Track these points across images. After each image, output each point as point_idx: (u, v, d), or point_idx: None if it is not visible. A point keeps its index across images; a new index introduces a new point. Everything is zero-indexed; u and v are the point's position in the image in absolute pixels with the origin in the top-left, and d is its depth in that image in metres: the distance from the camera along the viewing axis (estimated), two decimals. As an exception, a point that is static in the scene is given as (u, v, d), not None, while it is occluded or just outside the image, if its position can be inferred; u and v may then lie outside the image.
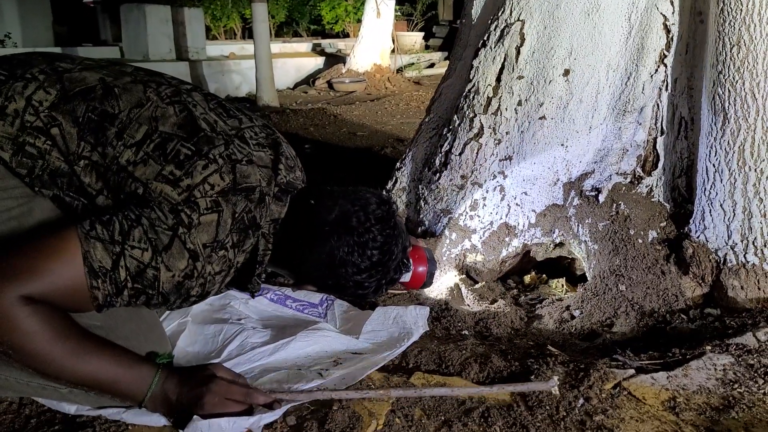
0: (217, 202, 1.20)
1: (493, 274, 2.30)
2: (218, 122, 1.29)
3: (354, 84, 9.20)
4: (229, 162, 1.23)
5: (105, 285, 1.14)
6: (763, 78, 1.93)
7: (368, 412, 1.34)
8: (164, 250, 1.16)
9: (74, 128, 1.20)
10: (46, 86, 1.23)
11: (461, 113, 2.28)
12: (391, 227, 1.33)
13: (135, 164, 1.19)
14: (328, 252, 1.29)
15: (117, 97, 1.25)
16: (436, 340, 1.79)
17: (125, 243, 1.14)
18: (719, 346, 1.64)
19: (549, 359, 1.59)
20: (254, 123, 1.37)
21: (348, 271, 1.30)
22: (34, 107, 1.21)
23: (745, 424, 1.32)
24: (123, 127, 1.21)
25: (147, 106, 1.24)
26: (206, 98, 1.35)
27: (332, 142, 5.34)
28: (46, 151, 1.20)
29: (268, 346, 1.61)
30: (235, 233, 1.24)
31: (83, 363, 1.17)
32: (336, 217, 1.29)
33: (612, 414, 1.37)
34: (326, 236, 1.29)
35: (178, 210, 1.17)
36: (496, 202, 2.24)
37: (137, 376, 1.23)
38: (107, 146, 1.20)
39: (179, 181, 1.19)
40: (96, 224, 1.14)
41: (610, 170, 2.21)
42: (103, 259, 1.13)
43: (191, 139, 1.23)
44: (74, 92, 1.23)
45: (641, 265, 2.06)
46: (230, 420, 1.24)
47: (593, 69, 2.13)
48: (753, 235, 1.96)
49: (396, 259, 1.35)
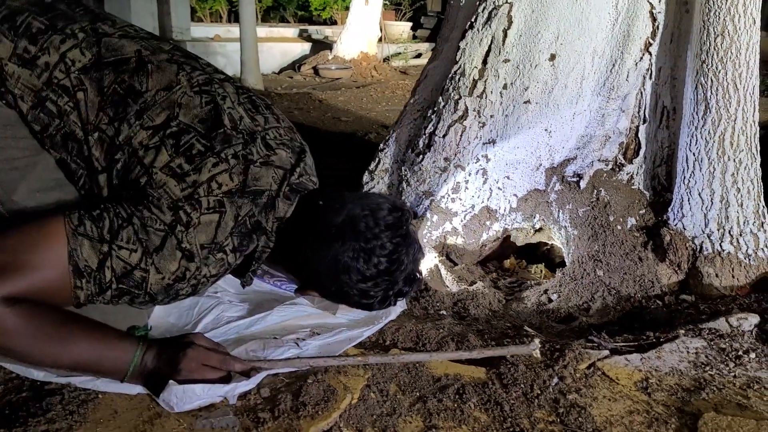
0: (221, 202, 1.15)
1: (473, 258, 2.30)
2: (243, 119, 1.23)
3: (340, 71, 9.14)
4: (243, 162, 1.18)
5: (89, 285, 1.11)
6: (745, 68, 1.95)
7: (343, 386, 1.34)
8: (155, 252, 1.13)
9: (98, 97, 1.16)
10: (83, 47, 1.18)
11: (446, 95, 2.28)
12: (402, 235, 1.26)
13: (147, 148, 1.15)
14: (332, 256, 1.23)
15: (149, 74, 1.20)
16: (414, 319, 1.79)
17: (113, 243, 1.10)
18: (692, 330, 1.66)
19: (526, 339, 1.60)
20: (281, 124, 1.31)
21: (352, 278, 1.24)
22: (66, 65, 1.16)
23: (715, 405, 1.34)
24: (145, 107, 1.17)
25: (174, 90, 1.19)
26: (237, 91, 1.28)
27: (317, 126, 5.31)
28: (65, 113, 1.16)
29: (244, 320, 1.60)
30: (236, 237, 1.19)
31: (66, 351, 1.16)
32: (343, 221, 1.23)
33: (585, 393, 1.38)
34: (331, 239, 1.23)
35: (177, 207, 1.13)
36: (479, 186, 2.24)
37: (119, 353, 1.21)
38: (123, 122, 1.16)
39: (185, 176, 1.14)
40: (85, 219, 1.11)
41: (592, 157, 2.22)
42: (89, 258, 1.10)
43: (208, 135, 1.17)
44: (108, 61, 1.19)
45: (619, 251, 2.08)
46: (205, 387, 1.23)
47: (579, 55, 2.13)
48: (729, 224, 1.98)
49: (406, 270, 1.27)
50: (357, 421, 1.24)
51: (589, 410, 1.31)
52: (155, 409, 1.23)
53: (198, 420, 1.20)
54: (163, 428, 1.18)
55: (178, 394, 1.21)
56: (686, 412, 1.32)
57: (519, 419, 1.28)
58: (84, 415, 1.21)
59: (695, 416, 1.29)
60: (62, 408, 1.22)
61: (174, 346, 1.27)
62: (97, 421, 1.20)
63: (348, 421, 1.24)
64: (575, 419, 1.28)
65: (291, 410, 1.24)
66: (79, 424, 1.19)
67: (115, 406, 1.24)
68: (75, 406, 1.22)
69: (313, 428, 1.20)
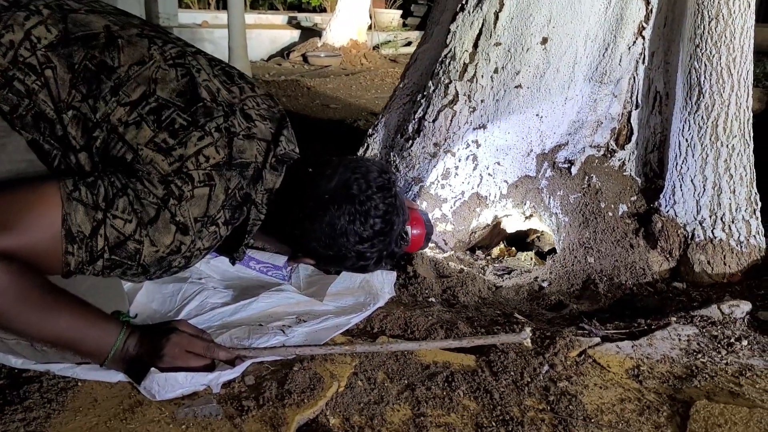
0: (210, 175, 1.15)
1: (463, 245, 2.28)
2: (221, 90, 1.23)
3: (329, 58, 9.07)
4: (226, 135, 1.18)
5: (80, 252, 1.08)
6: (739, 53, 1.93)
7: (330, 374, 1.31)
8: (150, 223, 1.11)
9: (68, 74, 1.14)
10: (48, 23, 1.15)
11: (436, 79, 2.24)
12: (393, 196, 1.28)
13: (126, 125, 1.13)
14: (329, 221, 1.24)
15: (120, 49, 1.17)
16: (403, 306, 1.76)
17: (108, 211, 1.09)
18: (684, 317, 1.64)
19: (516, 327, 1.57)
20: (256, 92, 1.31)
21: (350, 241, 1.25)
22: (32, 43, 1.13)
23: (707, 392, 1.32)
24: (120, 83, 1.15)
25: (148, 65, 1.18)
26: (211, 63, 1.28)
27: (305, 113, 5.26)
28: (33, 91, 1.12)
29: (229, 306, 1.57)
30: (227, 210, 1.19)
31: (49, 322, 1.12)
32: (336, 186, 1.24)
33: (576, 381, 1.36)
34: (326, 205, 1.24)
35: (168, 181, 1.12)
36: (469, 172, 2.21)
37: (102, 334, 1.19)
38: (99, 100, 1.13)
39: (171, 150, 1.13)
40: (80, 185, 1.09)
41: (584, 142, 2.19)
42: (82, 223, 1.07)
43: (188, 109, 1.16)
44: (76, 36, 1.16)
45: (610, 238, 2.06)
46: (188, 375, 1.20)
47: (571, 38, 2.10)
48: (722, 210, 1.97)
49: (397, 230, 1.30)
50: (344, 409, 1.22)
51: (579, 398, 1.29)
52: (136, 397, 1.21)
53: (180, 408, 1.17)
54: (144, 417, 1.16)
55: (160, 382, 1.18)
56: (678, 399, 1.30)
57: (509, 407, 1.26)
58: (63, 403, 1.18)
59: (687, 404, 1.27)
60: (40, 396, 1.19)
61: (157, 332, 1.25)
62: (77, 409, 1.17)
63: (334, 410, 1.22)
64: (566, 407, 1.26)
65: (276, 398, 1.21)
66: (57, 413, 1.16)
67: (95, 394, 1.22)
68: (53, 394, 1.20)
69: (299, 416, 1.18)
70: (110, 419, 1.14)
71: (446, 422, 1.21)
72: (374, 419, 1.20)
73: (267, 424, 1.15)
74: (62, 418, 1.14)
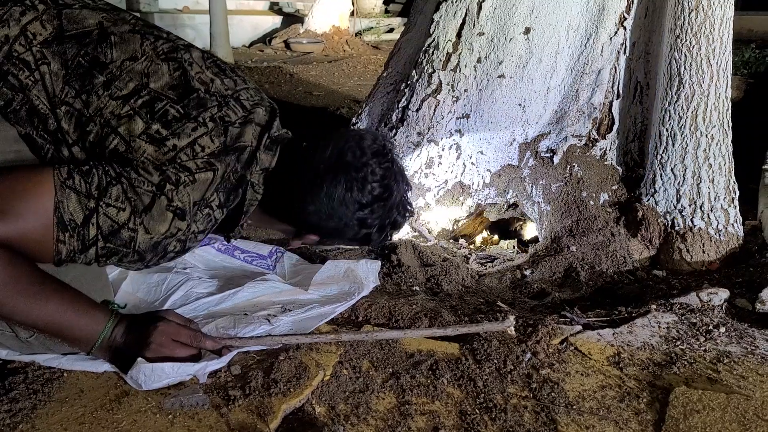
0: (210, 162, 1.15)
1: (446, 233, 2.29)
2: (214, 81, 1.23)
3: (312, 45, 9.02)
4: (221, 124, 1.18)
5: (72, 240, 1.08)
6: (719, 44, 1.95)
7: (315, 363, 1.32)
8: (144, 212, 1.11)
9: (62, 71, 1.13)
10: (44, 19, 1.15)
11: (420, 68, 2.24)
12: (389, 161, 1.28)
13: (119, 118, 1.13)
14: (327, 192, 1.24)
15: (112, 45, 1.17)
16: (387, 295, 1.77)
17: (101, 199, 1.09)
18: (664, 305, 1.67)
19: (499, 315, 1.59)
20: (248, 86, 1.31)
21: (350, 209, 1.25)
22: (27, 39, 1.13)
23: (686, 378, 1.35)
24: (112, 77, 1.15)
25: (141, 60, 1.18)
26: (203, 56, 1.28)
27: (288, 100, 5.23)
28: (27, 87, 1.12)
29: (214, 296, 1.57)
30: (222, 192, 1.19)
31: (38, 308, 1.12)
32: (331, 155, 1.24)
33: (558, 368, 1.38)
34: (323, 176, 1.23)
35: (163, 169, 1.12)
36: (452, 161, 2.22)
37: (91, 321, 1.19)
38: (91, 95, 1.13)
39: (165, 141, 1.13)
40: (74, 174, 1.08)
41: (566, 132, 2.21)
42: (75, 212, 1.07)
43: (181, 101, 1.17)
44: (70, 33, 1.16)
45: (592, 226, 2.08)
46: (174, 365, 1.21)
47: (554, 28, 2.11)
48: (701, 199, 2.00)
49: (396, 198, 1.30)
50: (329, 397, 1.23)
51: (561, 385, 1.31)
52: (122, 387, 1.21)
53: (167, 398, 1.18)
54: (130, 407, 1.16)
55: (147, 372, 1.18)
56: (657, 386, 1.33)
57: (492, 395, 1.28)
58: (48, 394, 1.18)
59: (666, 390, 1.30)
60: (26, 387, 1.19)
61: (145, 321, 1.26)
62: (62, 400, 1.17)
63: (320, 398, 1.23)
64: (548, 394, 1.28)
65: (262, 387, 1.22)
66: (43, 404, 1.16)
67: (80, 384, 1.22)
68: (39, 385, 1.20)
69: (285, 405, 1.19)
70: (96, 409, 1.15)
71: (431, 410, 1.22)
72: (359, 408, 1.21)
73: (253, 414, 1.16)
74: (48, 409, 1.14)
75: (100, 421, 1.12)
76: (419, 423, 1.18)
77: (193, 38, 8.90)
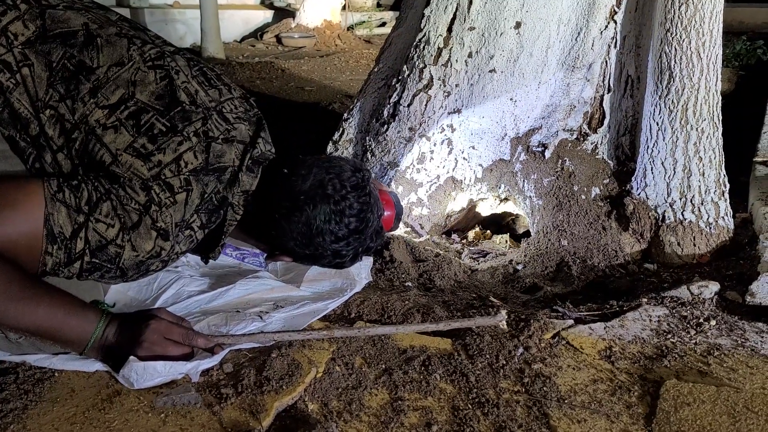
0: (188, 180, 1.16)
1: (438, 229, 2.30)
2: (199, 93, 1.23)
3: (303, 39, 8.99)
4: (204, 140, 1.19)
5: (59, 253, 1.09)
6: (709, 37, 1.95)
7: (308, 360, 1.32)
8: (132, 229, 1.12)
9: (45, 72, 1.13)
10: (26, 19, 1.14)
11: (411, 63, 2.24)
12: (367, 194, 1.31)
13: (105, 128, 1.13)
14: (305, 221, 1.27)
15: (99, 48, 1.17)
16: (380, 291, 1.77)
17: (91, 215, 1.09)
18: (655, 298, 1.68)
19: (491, 310, 1.60)
20: (233, 95, 1.32)
21: (326, 240, 1.29)
22: (8, 39, 1.12)
23: (677, 372, 1.36)
24: (98, 84, 1.14)
25: (127, 67, 1.17)
26: (189, 63, 1.28)
27: (279, 96, 5.22)
28: (8, 89, 1.11)
29: (206, 294, 1.57)
30: (203, 214, 1.20)
31: (29, 312, 1.12)
32: (311, 186, 1.27)
33: (550, 362, 1.39)
34: (302, 205, 1.26)
35: (149, 187, 1.13)
36: (444, 156, 2.22)
37: (82, 322, 1.19)
38: (77, 101, 1.13)
39: (150, 156, 1.13)
40: (64, 187, 1.09)
41: (557, 126, 2.21)
42: (64, 225, 1.08)
43: (167, 113, 1.17)
44: (54, 33, 1.15)
45: (583, 220, 2.09)
46: (167, 364, 1.20)
47: (545, 23, 2.11)
48: (691, 192, 2.00)
49: (372, 227, 1.34)
50: (322, 394, 1.23)
51: (553, 380, 1.32)
52: (114, 387, 1.21)
53: (159, 397, 1.17)
54: (122, 406, 1.16)
55: (139, 371, 1.18)
56: (649, 379, 1.33)
57: (485, 390, 1.28)
58: (39, 394, 1.18)
59: (657, 383, 1.31)
60: (17, 387, 1.19)
61: (137, 319, 1.26)
62: (54, 400, 1.17)
63: (313, 395, 1.23)
64: (540, 389, 1.29)
65: (255, 385, 1.22)
66: (34, 404, 1.16)
67: (72, 384, 1.21)
68: (30, 385, 1.20)
69: (278, 403, 1.19)
70: (88, 409, 1.14)
71: (423, 406, 1.22)
72: (352, 404, 1.21)
73: (246, 412, 1.16)
74: (39, 409, 1.14)
75: (91, 421, 1.12)
76: (412, 419, 1.19)
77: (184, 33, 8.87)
